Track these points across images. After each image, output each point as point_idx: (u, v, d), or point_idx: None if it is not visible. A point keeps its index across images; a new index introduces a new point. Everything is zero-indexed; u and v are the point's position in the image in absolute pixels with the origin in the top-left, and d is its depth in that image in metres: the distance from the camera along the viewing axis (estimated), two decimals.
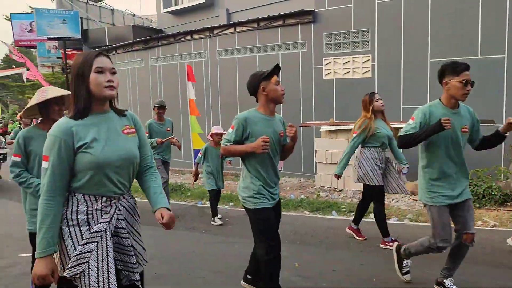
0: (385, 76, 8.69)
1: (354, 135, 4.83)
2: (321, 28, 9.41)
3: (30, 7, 26.37)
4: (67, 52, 18.06)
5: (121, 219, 2.08)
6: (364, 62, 8.93)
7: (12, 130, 23.24)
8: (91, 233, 1.97)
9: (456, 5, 7.85)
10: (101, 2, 24.48)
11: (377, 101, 4.79)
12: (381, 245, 4.85)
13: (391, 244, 4.55)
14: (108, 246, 1.99)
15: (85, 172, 1.98)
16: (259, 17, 10.43)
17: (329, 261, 4.54)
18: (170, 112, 7.96)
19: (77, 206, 2.00)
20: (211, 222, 6.29)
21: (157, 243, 5.21)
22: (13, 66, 40.55)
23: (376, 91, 5.46)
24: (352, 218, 5.40)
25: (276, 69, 3.08)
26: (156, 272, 4.21)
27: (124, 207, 2.12)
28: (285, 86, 10.06)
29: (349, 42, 9.11)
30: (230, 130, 3.10)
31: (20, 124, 14.02)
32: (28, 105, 3.10)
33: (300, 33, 9.73)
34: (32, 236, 3.02)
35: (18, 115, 4.38)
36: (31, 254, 4.74)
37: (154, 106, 6.73)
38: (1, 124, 28.71)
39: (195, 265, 4.51)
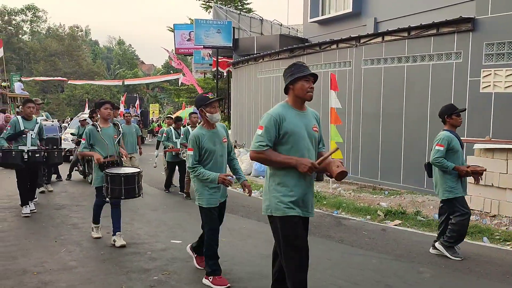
0: None
1: None
2: (482, 37, 8.60)
3: (190, 18, 29.22)
4: (218, 60, 19.52)
5: None
6: None
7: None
8: None
9: None
10: (252, 13, 25.96)
11: None
12: None
13: None
14: None
15: None
16: (410, 25, 9.97)
17: None
18: None
19: None
20: None
21: None
22: (171, 72, 45.35)
23: None
24: (507, 248, 4.82)
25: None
26: None
27: None
28: (435, 98, 9.42)
29: None
30: None
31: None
32: None
33: (456, 43, 9.03)
34: None
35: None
36: (181, 242, 5.20)
37: None
38: (156, 123, 31.70)
39: (330, 273, 4.48)
